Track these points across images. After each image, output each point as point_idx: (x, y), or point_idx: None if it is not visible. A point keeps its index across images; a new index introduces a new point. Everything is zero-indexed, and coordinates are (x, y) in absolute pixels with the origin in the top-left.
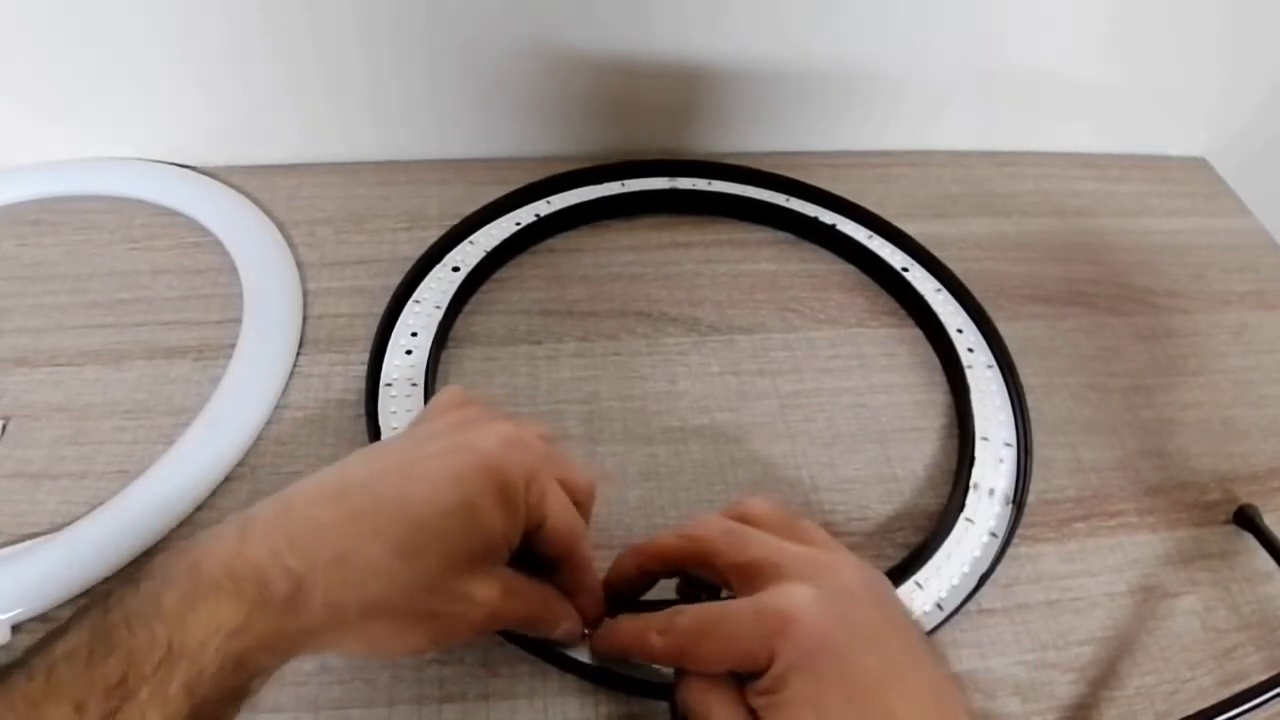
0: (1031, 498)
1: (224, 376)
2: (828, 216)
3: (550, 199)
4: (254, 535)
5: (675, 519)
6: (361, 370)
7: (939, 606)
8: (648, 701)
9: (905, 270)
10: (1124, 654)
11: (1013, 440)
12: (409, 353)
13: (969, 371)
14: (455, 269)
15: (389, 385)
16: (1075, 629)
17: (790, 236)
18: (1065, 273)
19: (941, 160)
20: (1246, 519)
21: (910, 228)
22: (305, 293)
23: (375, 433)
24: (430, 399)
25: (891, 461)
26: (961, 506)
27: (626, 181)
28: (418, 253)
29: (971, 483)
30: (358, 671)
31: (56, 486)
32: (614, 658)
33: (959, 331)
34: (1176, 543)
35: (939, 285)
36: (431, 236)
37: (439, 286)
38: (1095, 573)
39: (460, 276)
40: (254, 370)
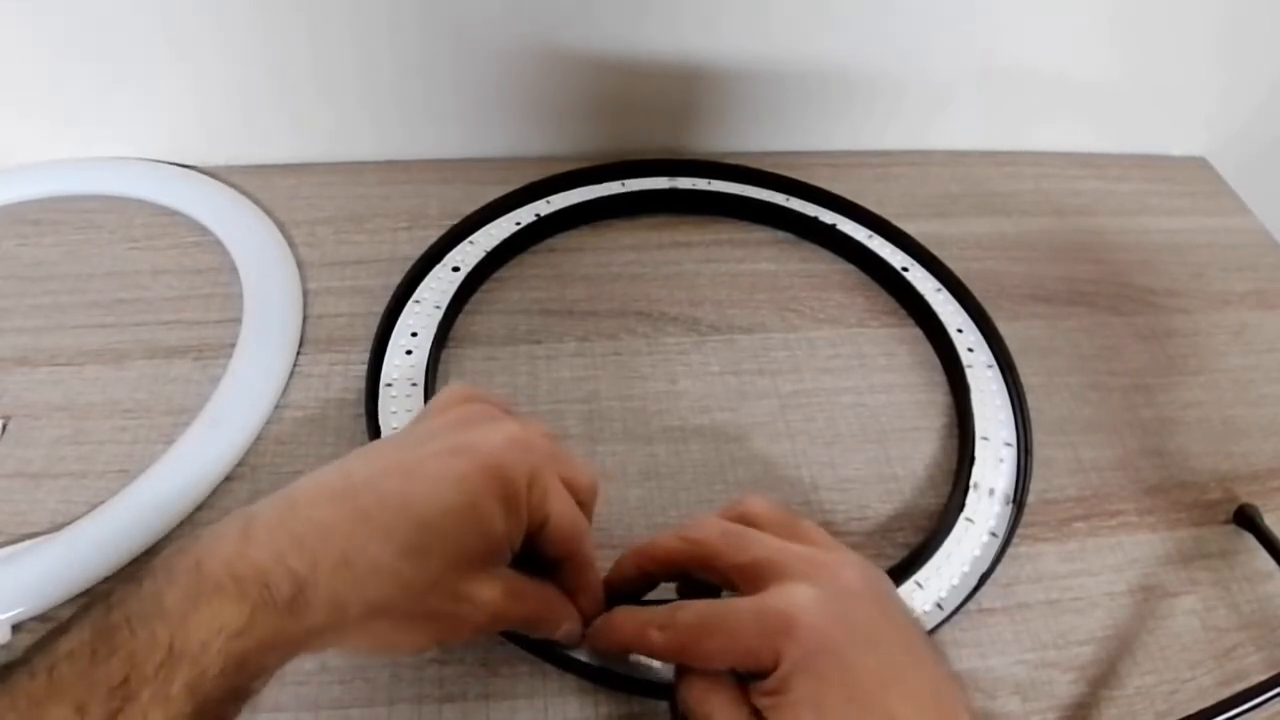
0: (1031, 497)
1: (224, 376)
2: (828, 216)
3: (550, 199)
4: (257, 535)
5: (675, 519)
6: (361, 370)
7: (939, 606)
8: (648, 701)
9: (905, 270)
10: (1124, 653)
11: (1013, 440)
12: (409, 353)
13: (969, 371)
14: (455, 269)
15: (389, 385)
16: (1075, 628)
17: (790, 236)
18: (1065, 272)
19: (941, 160)
20: (1246, 519)
21: (910, 227)
22: (305, 292)
23: (375, 433)
24: (431, 398)
25: (891, 461)
26: (961, 506)
27: (626, 181)
28: (418, 252)
29: (971, 482)
30: (358, 671)
31: (56, 486)
32: (611, 653)
33: (959, 331)
34: (1177, 542)
35: (939, 285)
36: (431, 236)
37: (439, 286)
38: (1095, 572)
39: (460, 276)
40: (254, 370)
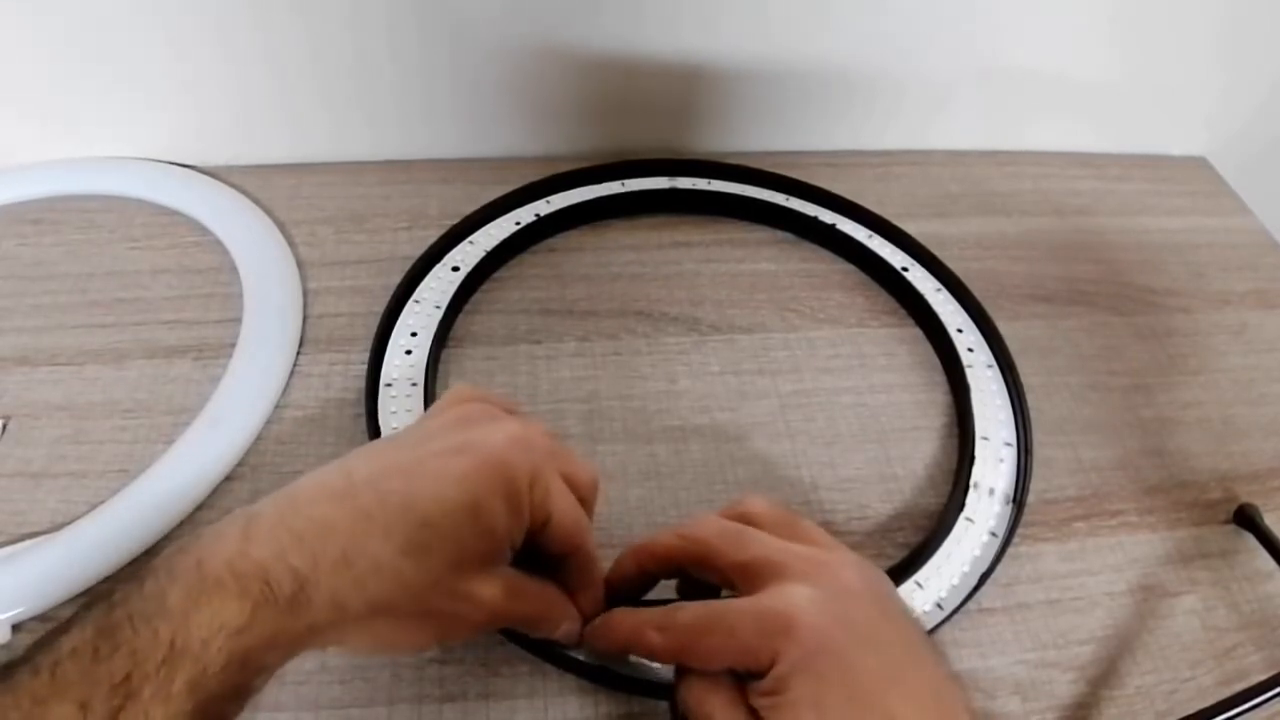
0: (1031, 497)
1: (224, 376)
2: (827, 216)
3: (550, 199)
4: (258, 533)
5: (675, 518)
6: (361, 370)
7: (939, 606)
8: (648, 701)
9: (905, 270)
10: (1124, 653)
11: (1013, 440)
12: (409, 352)
13: (969, 371)
14: (455, 268)
15: (389, 385)
16: (1075, 628)
17: (790, 236)
18: (1065, 272)
19: (941, 160)
20: (1247, 518)
21: (910, 227)
22: (305, 292)
23: (375, 432)
24: (431, 399)
25: (891, 461)
26: (961, 506)
27: (626, 181)
28: (418, 252)
29: (971, 482)
30: (358, 671)
31: (56, 486)
32: (609, 653)
33: (959, 331)
34: (1177, 542)
35: (939, 285)
36: (431, 236)
37: (439, 286)
38: (1095, 572)
39: (460, 276)
40: (254, 370)
